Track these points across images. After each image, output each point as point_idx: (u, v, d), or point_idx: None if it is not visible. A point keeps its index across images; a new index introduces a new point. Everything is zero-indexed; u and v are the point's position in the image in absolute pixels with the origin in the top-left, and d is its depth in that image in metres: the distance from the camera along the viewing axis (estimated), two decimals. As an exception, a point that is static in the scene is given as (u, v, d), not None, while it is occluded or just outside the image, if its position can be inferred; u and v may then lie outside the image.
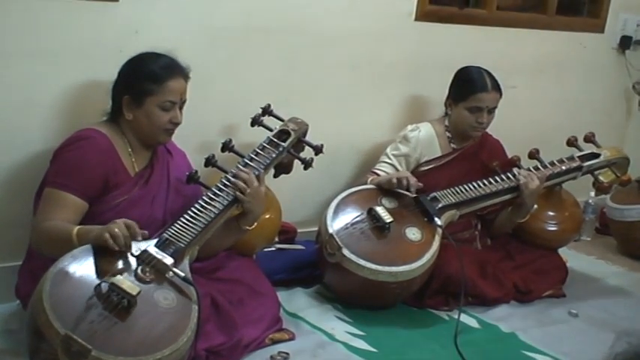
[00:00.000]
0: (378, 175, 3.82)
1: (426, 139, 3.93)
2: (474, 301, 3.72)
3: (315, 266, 3.71)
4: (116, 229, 2.60)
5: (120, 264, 2.61)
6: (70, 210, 2.85)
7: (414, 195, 3.61)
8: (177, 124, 3.05)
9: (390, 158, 3.89)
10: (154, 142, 3.08)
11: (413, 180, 3.61)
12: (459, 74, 3.93)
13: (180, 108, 3.05)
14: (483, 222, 4.06)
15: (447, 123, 3.96)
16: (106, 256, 2.60)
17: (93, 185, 2.91)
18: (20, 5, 3.05)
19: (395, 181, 3.61)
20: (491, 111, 3.85)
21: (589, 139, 4.10)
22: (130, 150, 3.04)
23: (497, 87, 3.85)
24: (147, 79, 2.96)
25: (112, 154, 2.98)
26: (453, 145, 3.96)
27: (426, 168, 3.91)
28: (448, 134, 3.95)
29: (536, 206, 3.90)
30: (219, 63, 3.61)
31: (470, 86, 3.83)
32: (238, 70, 3.69)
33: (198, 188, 3.15)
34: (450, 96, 3.93)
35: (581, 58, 5.02)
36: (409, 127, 3.95)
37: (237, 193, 3.02)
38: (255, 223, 3.17)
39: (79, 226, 2.74)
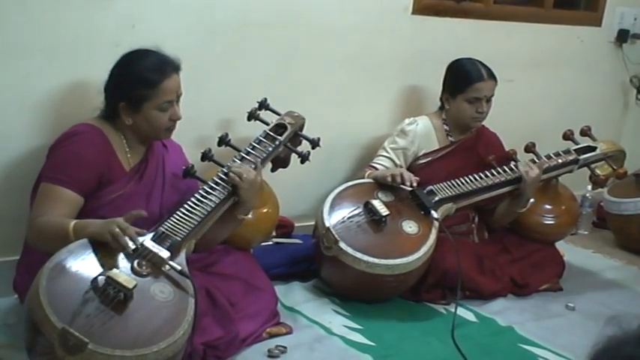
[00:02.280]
0: (376, 169, 3.83)
1: (424, 132, 3.94)
2: (471, 294, 3.73)
3: (312, 260, 3.72)
4: (116, 228, 2.61)
5: (116, 258, 2.61)
6: (65, 205, 2.84)
7: (411, 188, 3.62)
8: (177, 120, 3.03)
9: (387, 152, 3.90)
10: (155, 139, 3.09)
11: (408, 175, 3.62)
12: (453, 67, 3.94)
13: (177, 100, 3.02)
14: (481, 215, 4.06)
15: (444, 116, 3.97)
16: (102, 250, 2.61)
17: (88, 180, 2.90)
18: (15, 0, 3.05)
19: (390, 179, 3.62)
20: (489, 100, 3.88)
21: (585, 132, 4.11)
22: (125, 145, 3.03)
23: (492, 75, 3.87)
24: (140, 85, 2.91)
25: (106, 149, 2.97)
26: (450, 138, 3.97)
27: (424, 161, 3.92)
28: (446, 127, 3.96)
29: (532, 200, 3.90)
30: (215, 57, 3.61)
31: (466, 77, 3.84)
32: (235, 64, 3.69)
33: (194, 182, 3.15)
34: (447, 90, 3.94)
35: (579, 52, 5.02)
36: (407, 121, 3.96)
37: (236, 178, 3.01)
38: (250, 214, 3.18)
39: (75, 221, 2.73)
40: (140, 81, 2.91)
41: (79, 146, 2.92)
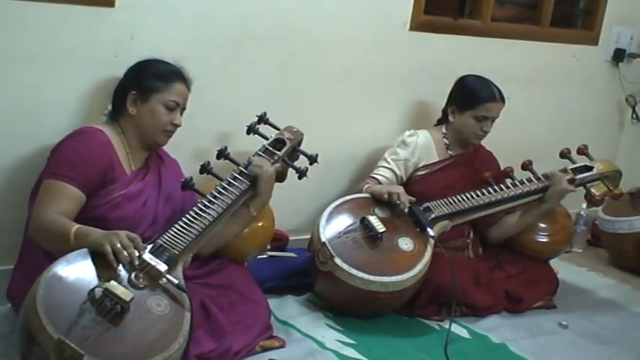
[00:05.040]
0: (377, 180, 3.84)
1: (424, 144, 3.96)
2: (468, 311, 3.73)
3: (306, 274, 3.71)
4: (118, 243, 2.61)
5: (114, 269, 2.60)
6: (69, 201, 2.86)
7: (407, 205, 3.62)
8: (177, 126, 3.12)
9: (388, 163, 3.91)
10: (152, 142, 3.12)
11: (404, 198, 3.61)
12: (465, 83, 3.96)
13: (181, 113, 3.13)
14: (476, 230, 4.07)
15: (444, 130, 4.00)
16: (101, 260, 2.60)
17: (92, 178, 2.93)
18: (15, 10, 3.05)
19: (386, 195, 3.62)
20: (493, 120, 3.91)
21: (582, 151, 4.11)
22: (127, 150, 3.08)
23: (503, 97, 3.91)
24: (155, 77, 3.08)
25: (110, 150, 3.02)
26: (450, 152, 3.99)
27: (422, 173, 3.93)
28: (446, 141, 3.99)
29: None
30: (214, 70, 3.61)
31: (479, 95, 3.87)
32: (233, 77, 3.69)
33: (188, 198, 3.19)
34: (454, 103, 3.96)
35: (575, 71, 5.04)
36: (407, 133, 3.98)
37: (256, 169, 3.13)
38: (251, 226, 3.26)
39: (77, 226, 2.72)
40: (156, 74, 3.09)
41: (83, 145, 2.97)
